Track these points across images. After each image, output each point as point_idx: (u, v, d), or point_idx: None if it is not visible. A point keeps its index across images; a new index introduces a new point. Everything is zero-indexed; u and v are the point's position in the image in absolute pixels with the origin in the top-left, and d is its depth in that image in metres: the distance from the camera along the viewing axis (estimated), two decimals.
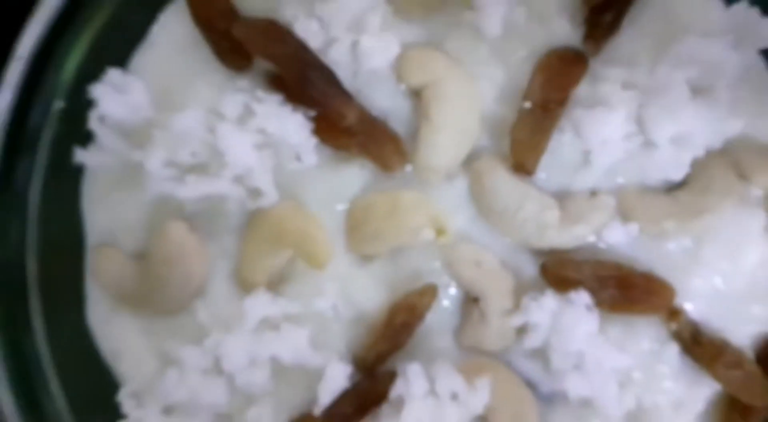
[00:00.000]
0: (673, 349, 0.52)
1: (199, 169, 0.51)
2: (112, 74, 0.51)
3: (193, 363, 0.50)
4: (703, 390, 0.54)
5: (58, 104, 0.51)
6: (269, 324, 0.51)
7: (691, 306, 0.53)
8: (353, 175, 0.53)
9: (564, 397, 0.51)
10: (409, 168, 0.53)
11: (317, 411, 0.50)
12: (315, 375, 0.51)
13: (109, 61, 0.52)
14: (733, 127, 0.52)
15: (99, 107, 0.51)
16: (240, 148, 0.50)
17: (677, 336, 0.52)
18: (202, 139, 0.50)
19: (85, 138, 0.51)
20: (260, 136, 0.50)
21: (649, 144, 0.52)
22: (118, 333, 0.53)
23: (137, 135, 0.51)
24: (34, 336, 0.51)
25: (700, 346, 0.51)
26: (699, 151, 0.52)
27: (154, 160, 0.49)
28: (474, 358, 0.53)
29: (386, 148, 0.52)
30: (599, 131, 0.51)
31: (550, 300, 0.50)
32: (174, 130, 0.50)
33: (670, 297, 0.51)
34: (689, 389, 0.53)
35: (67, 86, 0.51)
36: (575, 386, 0.50)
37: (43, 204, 0.51)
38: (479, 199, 0.53)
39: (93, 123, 0.50)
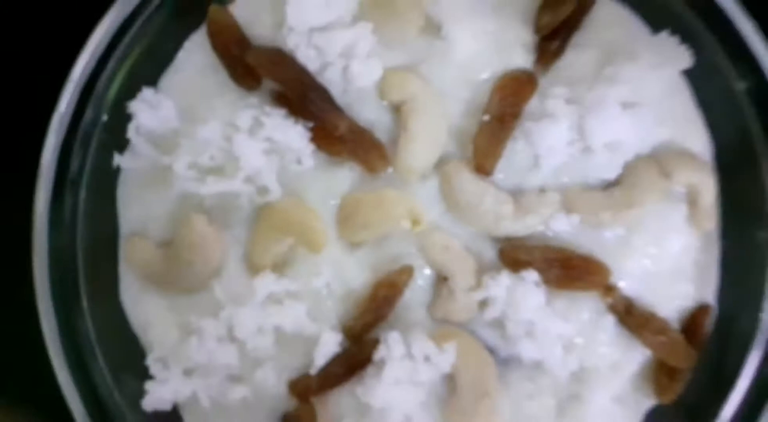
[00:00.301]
0: (609, 320, 0.60)
1: (216, 170, 0.59)
2: (146, 93, 0.59)
3: (210, 332, 0.58)
4: (636, 355, 0.61)
5: (103, 117, 0.59)
6: (274, 299, 0.59)
7: (624, 284, 0.61)
8: (344, 176, 0.61)
9: (519, 360, 0.59)
10: (390, 170, 0.61)
11: (313, 371, 0.58)
12: (311, 342, 0.59)
13: (143, 82, 0.60)
14: (659, 135, 0.61)
15: (135, 120, 0.59)
16: (251, 153, 0.58)
17: (612, 308, 0.60)
18: (220, 146, 0.58)
19: (123, 145, 0.60)
20: (267, 143, 0.58)
21: (587, 149, 0.60)
22: (146, 309, 0.61)
23: (166, 143, 0.59)
24: (81, 310, 0.58)
25: (631, 317, 0.60)
26: (629, 155, 0.60)
27: (180, 163, 0.58)
28: (443, 327, 0.60)
29: (371, 153, 0.60)
30: (546, 139, 0.59)
31: (505, 279, 0.59)
32: (196, 138, 0.58)
33: (606, 276, 0.59)
34: (624, 354, 0.61)
35: (110, 103, 0.59)
36: (527, 350, 0.58)
37: (88, 199, 0.59)
38: (448, 196, 0.60)
39: (130, 133, 0.59)
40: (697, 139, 0.62)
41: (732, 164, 0.62)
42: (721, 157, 0.62)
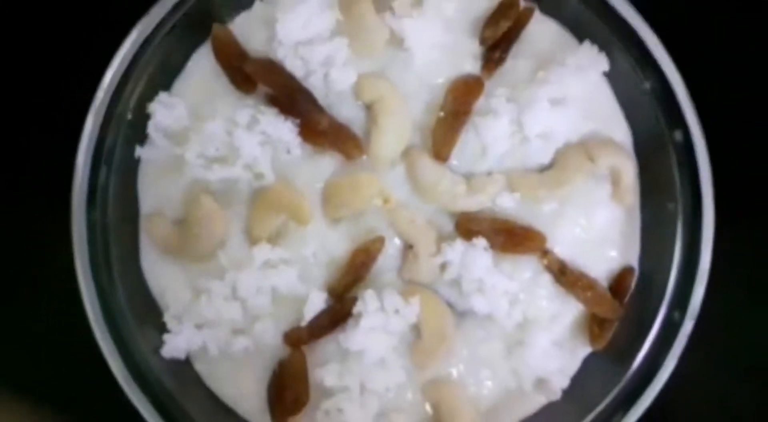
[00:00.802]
0: (546, 279, 0.70)
1: (220, 159, 0.67)
2: (162, 96, 0.68)
3: (217, 292, 0.66)
4: (571, 308, 0.71)
5: (128, 116, 0.67)
6: (270, 265, 0.67)
7: (559, 249, 0.70)
8: (326, 163, 0.69)
9: (472, 313, 0.69)
10: (365, 158, 0.69)
11: (303, 324, 0.68)
12: (301, 301, 0.67)
13: (160, 87, 0.68)
14: (585, 126, 0.71)
15: (154, 118, 0.68)
16: (248, 145, 0.66)
17: (548, 269, 0.70)
18: (223, 139, 0.67)
19: (144, 139, 0.69)
20: (262, 136, 0.66)
21: (525, 139, 0.69)
22: (163, 274, 0.70)
23: (178, 137, 0.68)
24: (111, 275, 0.67)
25: (565, 276, 0.70)
26: (560, 143, 0.70)
27: (191, 154, 0.66)
28: (410, 286, 0.69)
29: (349, 144, 0.68)
30: (491, 131, 0.68)
31: (460, 246, 0.68)
32: (204, 133, 0.66)
33: (543, 242, 0.69)
34: (560, 307, 0.70)
35: (133, 105, 0.67)
36: (479, 304, 0.68)
37: (116, 183, 0.68)
38: (412, 178, 0.69)
39: (150, 129, 0.68)
40: (618, 129, 0.72)
41: (647, 149, 0.72)
42: (639, 143, 0.73)
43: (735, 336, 0.79)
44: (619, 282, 0.73)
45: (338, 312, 0.69)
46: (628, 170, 0.72)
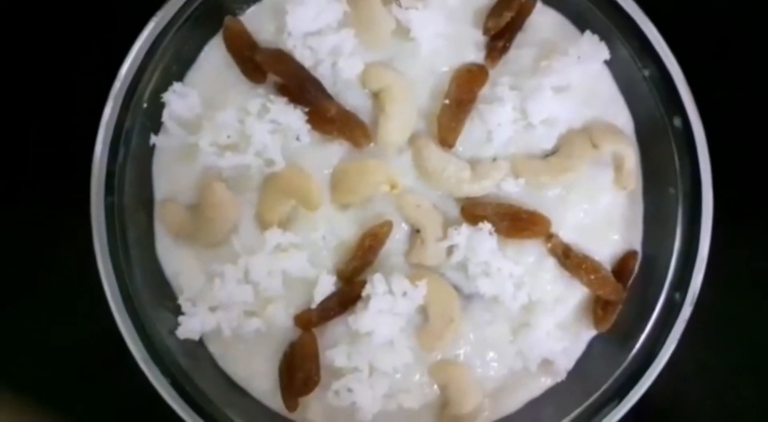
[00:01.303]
0: (551, 262, 0.73)
1: (232, 147, 0.70)
2: (176, 86, 0.71)
3: (230, 276, 0.69)
4: (575, 291, 0.74)
5: (144, 105, 0.70)
6: (281, 249, 0.70)
7: (563, 234, 0.73)
8: (334, 150, 0.72)
9: (479, 296, 0.72)
10: (372, 145, 0.72)
11: (313, 306, 0.71)
12: (311, 284, 0.70)
13: (174, 78, 0.72)
14: (588, 113, 0.74)
15: (168, 107, 0.71)
16: (259, 133, 0.69)
17: (552, 252, 0.73)
18: (235, 127, 0.69)
19: (159, 127, 0.72)
20: (272, 124, 0.69)
21: (529, 125, 0.72)
22: (177, 259, 0.73)
23: (192, 125, 0.71)
24: (129, 258, 0.70)
25: (569, 259, 0.73)
26: (563, 129, 0.73)
27: (204, 141, 0.69)
28: (418, 270, 0.72)
29: (356, 131, 0.71)
30: (496, 118, 0.71)
31: (465, 230, 0.70)
32: (216, 121, 0.69)
33: (547, 226, 0.72)
34: (565, 290, 0.73)
35: (149, 94, 0.70)
36: (485, 287, 0.70)
37: (132, 170, 0.71)
38: (418, 164, 0.72)
39: (165, 117, 0.71)
40: (620, 116, 0.75)
41: (648, 135, 0.75)
42: (640, 129, 0.76)
43: (736, 324, 0.82)
44: (622, 266, 0.75)
45: (347, 294, 0.72)
46: (630, 156, 0.74)
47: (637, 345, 0.73)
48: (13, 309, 0.81)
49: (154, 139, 0.73)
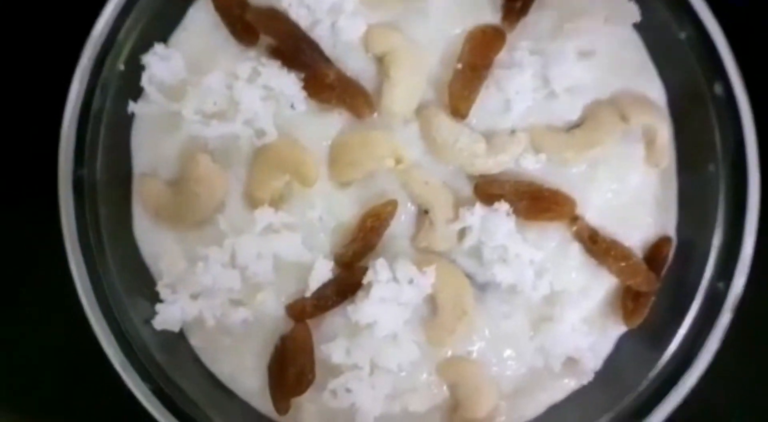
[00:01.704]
0: (576, 248, 0.68)
1: (219, 115, 0.66)
2: (158, 47, 0.67)
3: (215, 259, 0.65)
4: (603, 282, 0.69)
5: (120, 67, 0.67)
6: (272, 230, 0.66)
7: (589, 216, 0.69)
8: (333, 121, 0.68)
9: (495, 285, 0.67)
10: (375, 116, 0.68)
11: (308, 294, 0.66)
12: (306, 269, 0.66)
13: (156, 39, 0.67)
14: (616, 82, 0.70)
15: (148, 70, 0.67)
16: (249, 99, 0.65)
17: (578, 237, 0.68)
18: (222, 93, 0.66)
19: (138, 94, 0.68)
20: (264, 90, 0.66)
21: (551, 94, 0.68)
22: (156, 241, 0.69)
23: (175, 91, 0.67)
24: (101, 239, 0.66)
25: (596, 245, 0.68)
26: (588, 99, 0.69)
27: (188, 109, 0.65)
28: (425, 256, 0.67)
29: (358, 99, 0.67)
30: (514, 85, 0.67)
31: (479, 210, 0.66)
32: (202, 86, 0.65)
33: (572, 206, 0.68)
34: (591, 279, 0.69)
35: (126, 55, 0.67)
36: (502, 274, 0.66)
37: (106, 140, 0.66)
38: (427, 137, 0.68)
39: (144, 82, 0.66)
40: (651, 85, 0.71)
41: (683, 106, 0.70)
42: (674, 100, 0.71)
43: None
44: (655, 253, 0.70)
45: (346, 282, 0.67)
46: (663, 129, 0.70)
47: (673, 346, 0.68)
48: None
49: (132, 106, 0.68)
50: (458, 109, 0.68)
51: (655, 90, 0.71)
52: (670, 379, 0.66)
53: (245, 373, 0.69)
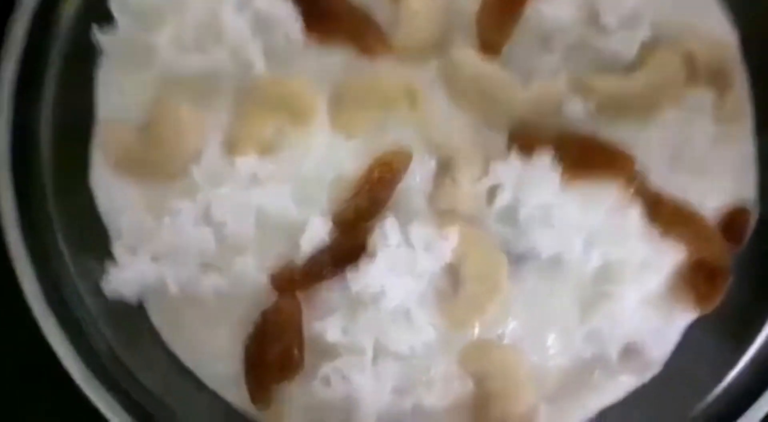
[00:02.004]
0: (635, 212, 0.59)
1: (199, 46, 0.59)
2: None
3: (185, 214, 0.57)
4: (667, 256, 0.60)
5: None
6: (256, 181, 0.58)
7: (650, 177, 0.60)
8: (336, 58, 0.61)
9: (535, 256, 0.59)
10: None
11: (298, 261, 0.57)
12: (297, 229, 0.58)
13: None
14: (677, 19, 0.61)
15: None
16: (236, 26, 0.58)
17: (638, 197, 0.59)
18: (205, 20, 0.58)
19: (103, 20, 0.59)
20: (254, 17, 0.59)
21: (601, 29, 0.60)
22: (118, 195, 0.60)
23: (148, 17, 0.59)
24: (44, 192, 0.57)
25: (660, 207, 0.59)
26: (645, 35, 0.60)
27: (163, 38, 0.58)
28: (447, 219, 0.58)
29: (367, 33, 0.61)
30: (557, 18, 0.60)
31: (515, 164, 0.58)
32: (181, 12, 0.58)
33: (630, 163, 0.59)
34: (653, 252, 0.59)
35: None
36: (544, 241, 0.58)
37: (60, 79, 0.58)
38: (450, 79, 0.60)
39: (112, 5, 0.58)
40: (719, 24, 0.63)
41: (761, 52, 0.62)
42: (749, 43, 0.63)
43: None
44: (731, 220, 0.61)
45: (346, 246, 0.59)
46: (736, 78, 0.62)
47: (759, 339, 0.59)
48: None
49: (98, 36, 0.60)
50: (489, 44, 0.61)
51: (723, 29, 0.63)
52: (754, 383, 0.57)
53: (215, 356, 0.59)
